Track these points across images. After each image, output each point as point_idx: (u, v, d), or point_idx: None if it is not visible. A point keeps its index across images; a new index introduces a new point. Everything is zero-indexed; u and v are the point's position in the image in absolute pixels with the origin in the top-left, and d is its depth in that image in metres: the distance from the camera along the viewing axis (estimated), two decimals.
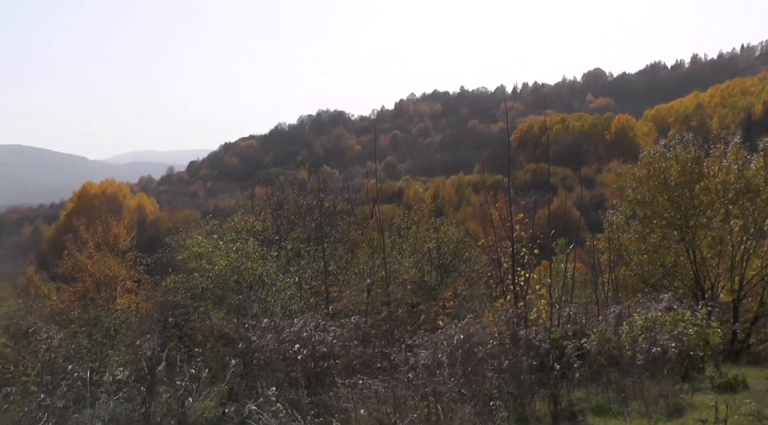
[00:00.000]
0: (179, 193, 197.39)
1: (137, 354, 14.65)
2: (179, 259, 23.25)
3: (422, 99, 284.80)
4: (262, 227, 25.79)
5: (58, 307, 28.72)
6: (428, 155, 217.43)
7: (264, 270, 20.00)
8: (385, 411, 9.37)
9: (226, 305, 18.59)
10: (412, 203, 49.42)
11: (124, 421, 11.34)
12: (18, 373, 12.01)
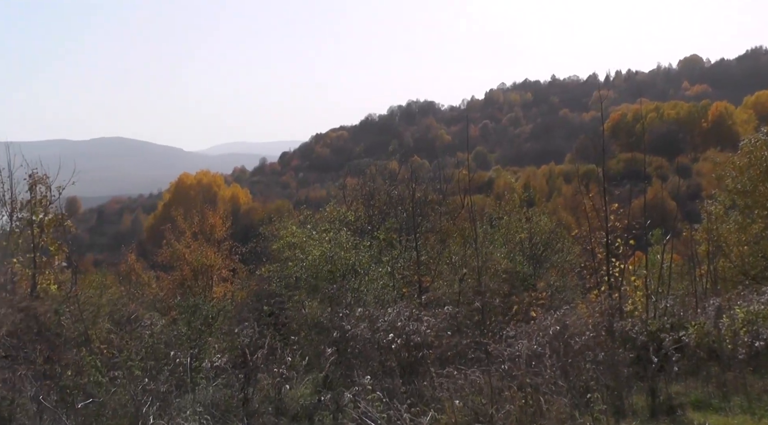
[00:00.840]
0: (271, 183, 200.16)
1: (234, 341, 14.98)
2: (274, 248, 23.65)
3: (512, 88, 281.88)
4: (354, 218, 26.00)
5: (157, 295, 29.51)
6: (518, 145, 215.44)
7: (357, 260, 20.18)
8: (480, 401, 9.36)
9: (320, 294, 18.83)
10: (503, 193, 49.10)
11: (224, 406, 11.60)
12: (124, 358, 12.41)
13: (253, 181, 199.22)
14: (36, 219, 21.34)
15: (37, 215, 21.41)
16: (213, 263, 32.34)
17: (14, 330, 12.58)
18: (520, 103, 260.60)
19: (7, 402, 10.25)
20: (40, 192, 21.74)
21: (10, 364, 11.50)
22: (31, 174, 21.61)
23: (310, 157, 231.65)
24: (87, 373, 12.51)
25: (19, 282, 20.30)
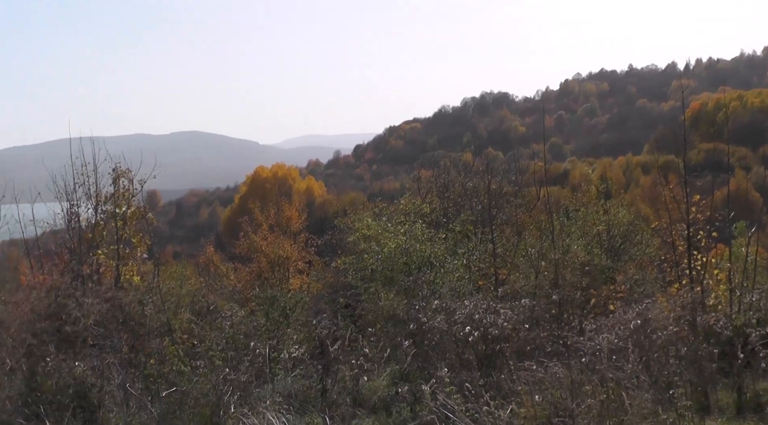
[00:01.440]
0: (345, 176, 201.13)
1: (312, 332, 15.16)
2: (349, 241, 23.80)
3: (588, 78, 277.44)
4: (429, 210, 25.98)
5: (235, 286, 29.95)
6: (594, 136, 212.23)
7: (432, 252, 20.17)
8: (559, 395, 9.29)
9: (395, 286, 18.88)
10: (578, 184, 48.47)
11: (302, 397, 11.76)
12: (205, 348, 12.66)
13: (328, 173, 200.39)
14: (119, 212, 21.88)
15: (120, 208, 21.95)
16: (289, 255, 32.69)
17: (101, 319, 12.93)
18: (596, 93, 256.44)
19: (96, 389, 10.56)
20: (123, 185, 22.27)
21: (98, 352, 11.84)
22: (115, 168, 22.14)
23: (384, 149, 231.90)
24: (170, 362, 12.80)
25: (104, 273, 20.86)
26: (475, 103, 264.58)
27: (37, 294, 13.52)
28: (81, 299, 12.90)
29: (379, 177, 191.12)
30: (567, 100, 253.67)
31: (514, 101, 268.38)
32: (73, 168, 21.94)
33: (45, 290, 13.69)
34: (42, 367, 10.98)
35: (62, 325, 12.61)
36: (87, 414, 10.35)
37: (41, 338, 11.93)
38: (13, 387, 11.22)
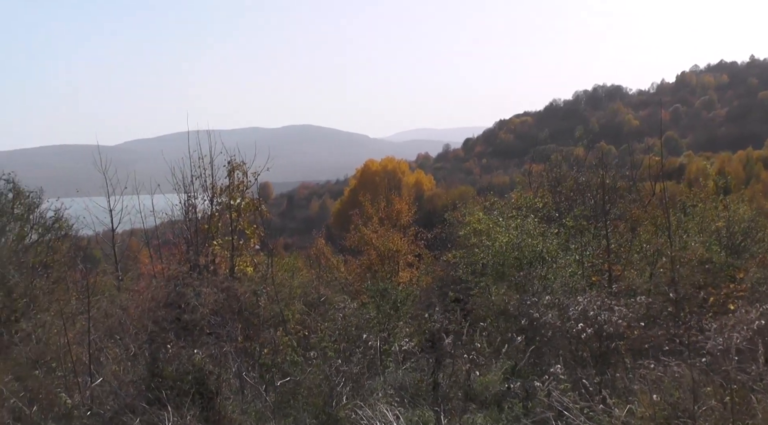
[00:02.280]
0: (455, 169, 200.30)
1: (422, 326, 15.16)
2: (460, 235, 23.69)
3: (706, 70, 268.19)
4: (542, 204, 25.63)
5: (345, 278, 30.22)
6: (712, 129, 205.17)
7: (544, 247, 19.89)
8: (679, 396, 9.00)
9: (506, 281, 18.70)
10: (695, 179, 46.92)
11: (413, 390, 11.78)
12: (318, 339, 12.83)
13: (437, 167, 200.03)
14: (234, 204, 22.38)
15: (234, 200, 22.45)
16: (399, 248, 32.75)
17: (217, 308, 13.25)
18: (714, 85, 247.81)
19: (214, 376, 10.82)
20: (238, 178, 22.76)
21: (215, 341, 12.14)
22: (230, 161, 22.65)
23: (494, 143, 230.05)
24: (283, 352, 13.02)
25: (219, 264, 21.38)
26: (587, 97, 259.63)
27: (157, 283, 13.95)
28: (199, 289, 13.25)
29: (489, 171, 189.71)
30: (683, 92, 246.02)
31: (628, 94, 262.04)
32: (191, 161, 22.57)
33: (165, 280, 14.12)
34: (163, 354, 11.33)
35: (181, 313, 12.99)
36: (205, 401, 10.61)
37: (162, 325, 12.31)
38: (136, 372, 11.62)
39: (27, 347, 17.36)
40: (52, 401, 13.81)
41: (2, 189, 33.76)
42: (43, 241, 34.75)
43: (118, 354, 13.49)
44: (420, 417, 10.33)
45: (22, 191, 34.44)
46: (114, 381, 11.65)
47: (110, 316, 14.50)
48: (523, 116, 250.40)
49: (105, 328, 14.42)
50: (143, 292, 14.92)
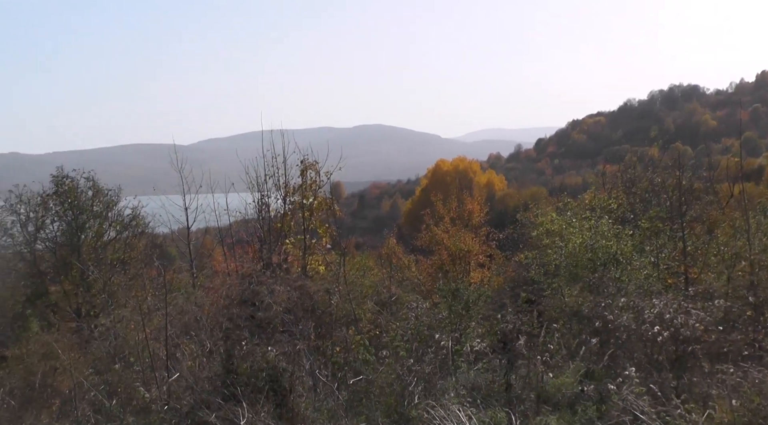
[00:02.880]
0: (526, 170, 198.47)
1: (494, 326, 15.06)
2: (533, 235, 23.50)
3: None
4: (617, 205, 25.26)
5: (416, 278, 30.21)
6: None
7: (618, 249, 19.58)
8: (760, 402, 8.77)
9: (580, 282, 18.47)
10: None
11: (485, 390, 11.72)
12: (390, 338, 12.85)
13: (508, 167, 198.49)
14: (306, 203, 22.57)
15: (307, 199, 22.64)
16: (470, 248, 32.60)
17: (290, 307, 13.37)
18: None
19: (288, 373, 10.93)
20: (310, 177, 22.95)
21: (288, 338, 12.26)
22: (303, 160, 22.86)
23: (566, 143, 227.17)
24: (355, 351, 13.08)
25: (291, 262, 21.58)
26: (662, 97, 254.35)
27: (231, 281, 14.15)
28: (272, 287, 13.40)
29: (561, 172, 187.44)
30: (764, 92, 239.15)
31: (705, 94, 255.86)
32: (264, 160, 22.84)
33: (239, 278, 14.31)
34: (238, 350, 11.48)
35: (255, 311, 13.15)
36: (279, 398, 10.72)
37: (236, 322, 12.49)
38: (211, 368, 11.81)
39: (106, 341, 17.81)
40: (130, 395, 14.16)
41: (82, 187, 34.76)
42: (121, 238, 35.65)
43: (194, 350, 13.74)
44: (492, 418, 10.27)
45: (101, 190, 35.39)
46: (190, 376, 11.85)
47: (186, 313, 14.76)
48: (596, 116, 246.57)
49: (181, 325, 14.69)
50: (218, 290, 15.15)
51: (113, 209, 35.53)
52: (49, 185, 34.69)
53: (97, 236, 35.06)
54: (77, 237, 34.23)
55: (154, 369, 13.68)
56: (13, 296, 33.09)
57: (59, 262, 33.66)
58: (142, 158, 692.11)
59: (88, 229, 34.65)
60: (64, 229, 34.74)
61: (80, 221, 34.23)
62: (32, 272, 33.80)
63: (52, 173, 35.10)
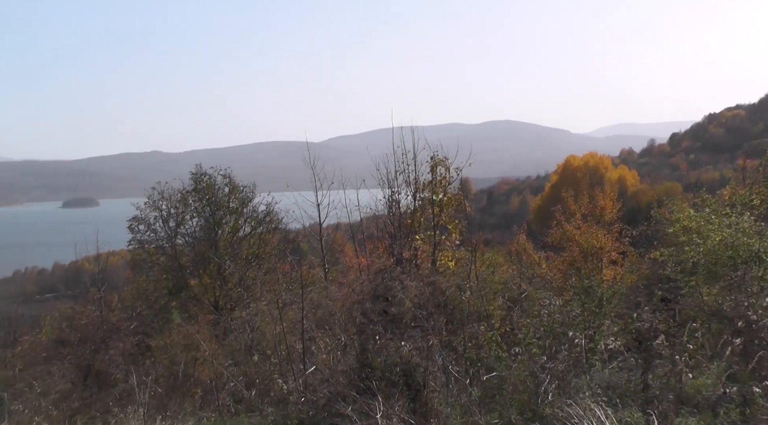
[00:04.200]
0: (660, 165, 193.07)
1: (629, 325, 14.74)
2: (669, 232, 22.86)
3: None
4: (759, 201, 24.25)
5: (546, 275, 29.87)
6: None
7: (761, 246, 18.81)
8: None
9: (719, 281, 17.85)
10: None
11: (621, 390, 11.48)
12: (523, 335, 12.78)
13: (641, 162, 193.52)
14: (436, 199, 22.68)
15: (437, 195, 22.75)
16: (603, 245, 32.04)
17: (422, 302, 13.47)
18: None
19: (421, 369, 11.02)
20: (440, 173, 23.06)
21: (420, 334, 12.35)
22: (433, 156, 22.99)
23: (703, 138, 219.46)
24: (487, 347, 13.07)
25: (421, 258, 21.73)
26: None
27: (365, 276, 14.35)
28: (405, 283, 13.52)
29: (697, 167, 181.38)
30: None
31: None
32: (395, 156, 23.09)
33: (373, 273, 14.50)
34: (372, 345, 11.64)
35: (388, 306, 13.30)
36: (412, 393, 10.83)
37: (369, 317, 12.66)
38: (346, 362, 12.02)
39: (243, 334, 18.40)
40: (268, 386, 14.58)
41: (219, 184, 36.02)
42: (256, 234, 36.73)
43: (328, 343, 14.04)
44: (629, 418, 10.06)
45: (237, 186, 36.57)
46: (326, 369, 12.11)
47: (320, 307, 15.09)
48: (734, 109, 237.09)
49: (316, 319, 15.03)
50: (351, 284, 15.42)
51: (248, 205, 36.64)
52: (189, 182, 36.10)
53: (233, 231, 36.23)
54: (215, 232, 35.49)
55: (291, 362, 14.03)
56: (156, 289, 34.62)
57: (198, 256, 34.96)
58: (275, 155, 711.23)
59: (225, 224, 35.85)
60: (202, 224, 36.07)
61: (217, 216, 35.47)
62: (173, 266, 35.22)
63: (191, 171, 36.51)
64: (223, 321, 24.60)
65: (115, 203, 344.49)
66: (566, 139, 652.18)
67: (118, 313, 30.55)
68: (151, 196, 36.06)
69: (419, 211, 22.97)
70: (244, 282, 32.10)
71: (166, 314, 32.33)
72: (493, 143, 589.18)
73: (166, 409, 14.93)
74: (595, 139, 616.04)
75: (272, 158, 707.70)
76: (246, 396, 14.15)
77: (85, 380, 22.35)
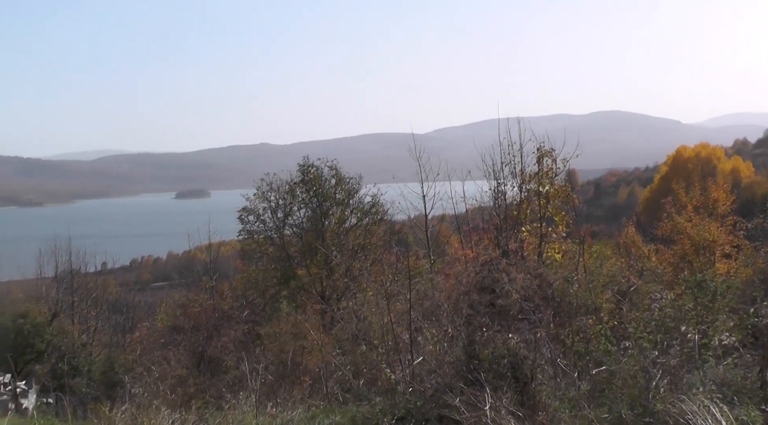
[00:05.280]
0: None
1: (744, 320, 14.30)
2: None
3: None
4: None
5: (656, 268, 29.21)
6: None
7: None
8: None
9: None
10: None
11: (736, 387, 11.17)
12: (633, 329, 12.54)
13: (756, 153, 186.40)
14: (542, 191, 22.49)
15: (543, 187, 22.55)
16: (715, 238, 31.10)
17: (529, 294, 13.37)
18: None
19: (529, 361, 10.96)
20: (547, 165, 22.86)
21: (527, 326, 12.27)
22: (539, 148, 22.82)
23: None
24: (596, 341, 12.87)
25: (527, 250, 21.57)
26: None
27: (471, 268, 14.34)
28: (512, 274, 13.46)
29: None
30: None
31: None
32: (500, 148, 23.00)
33: (479, 264, 14.48)
34: (479, 336, 11.63)
35: (495, 298, 13.26)
36: (520, 385, 10.78)
37: (476, 309, 12.65)
38: (453, 353, 12.05)
39: (350, 324, 18.64)
40: (375, 375, 14.75)
41: (326, 176, 36.57)
42: (361, 225, 37.14)
43: (435, 334, 14.09)
44: (746, 416, 9.77)
45: (344, 178, 37.05)
46: (433, 360, 12.17)
47: (427, 298, 15.16)
48: None
49: (422, 310, 15.11)
50: (457, 276, 15.43)
51: (354, 196, 37.08)
52: (296, 173, 36.78)
53: (339, 222, 36.74)
54: (321, 223, 36.07)
55: (398, 352, 14.15)
56: (266, 278, 35.45)
57: (305, 247, 35.61)
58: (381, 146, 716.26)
59: (332, 215, 36.40)
60: (309, 215, 36.71)
61: (324, 207, 36.04)
62: (281, 256, 35.99)
63: (299, 163, 37.19)
64: (330, 311, 24.99)
65: (225, 194, 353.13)
66: (677, 129, 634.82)
67: (230, 301, 31.39)
68: (260, 187, 36.91)
69: (525, 202, 22.83)
70: (350, 273, 32.51)
71: (276, 303, 33.04)
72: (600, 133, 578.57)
73: (276, 396, 15.28)
74: (707, 129, 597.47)
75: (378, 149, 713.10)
76: (354, 385, 14.35)
77: (198, 366, 23.05)
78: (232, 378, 19.79)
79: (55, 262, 45.42)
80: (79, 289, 44.67)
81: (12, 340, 30.05)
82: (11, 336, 30.18)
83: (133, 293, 58.29)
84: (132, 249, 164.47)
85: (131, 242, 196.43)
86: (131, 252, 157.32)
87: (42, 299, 41.08)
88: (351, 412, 12.38)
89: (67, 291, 43.36)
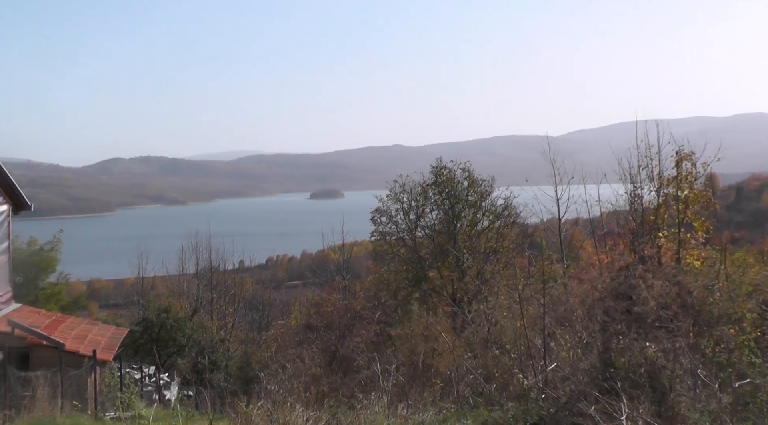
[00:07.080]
0: None
1: None
2: None
3: None
4: None
5: None
6: None
7: None
8: None
9: None
10: None
11: None
12: None
13: None
14: (681, 195, 21.82)
15: (682, 191, 21.89)
16: None
17: (668, 301, 13.03)
18: None
19: (667, 371, 10.65)
20: (686, 169, 22.18)
21: (666, 335, 11.93)
22: (678, 151, 22.17)
23: None
24: (739, 352, 12.40)
25: (664, 256, 20.99)
26: None
27: (607, 273, 14.08)
28: (649, 281, 13.14)
29: None
30: None
31: None
32: (638, 151, 22.52)
33: (614, 270, 14.20)
34: (615, 344, 11.40)
35: (631, 305, 12.98)
36: (657, 395, 10.50)
37: (612, 315, 12.41)
38: (588, 360, 11.84)
39: (482, 327, 18.61)
40: (506, 380, 14.66)
41: (459, 178, 36.61)
42: (493, 227, 36.98)
43: (569, 340, 13.88)
44: None
45: (476, 180, 37.00)
46: (567, 367, 11.99)
47: (561, 303, 14.97)
48: None
49: (556, 315, 14.91)
50: (592, 281, 15.18)
51: (487, 199, 36.96)
52: (429, 175, 36.98)
53: (471, 224, 36.69)
54: (453, 225, 36.12)
55: (531, 357, 14.02)
56: (397, 279, 35.78)
57: (437, 249, 35.74)
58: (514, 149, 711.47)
59: (464, 218, 36.40)
60: (441, 217, 36.84)
61: (456, 210, 36.07)
62: (413, 257, 36.23)
63: (431, 164, 37.36)
64: (461, 314, 25.00)
65: (358, 194, 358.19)
66: None
67: (362, 302, 31.84)
68: (392, 188, 37.29)
69: (663, 207, 22.25)
70: (482, 276, 32.42)
71: (407, 304, 33.30)
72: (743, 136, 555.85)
73: (407, 398, 15.39)
74: None
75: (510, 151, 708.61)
76: (485, 389, 14.29)
77: (330, 364, 23.48)
78: (364, 378, 20.04)
79: (196, 259, 47.32)
80: (218, 286, 46.39)
81: (156, 334, 31.46)
82: (155, 329, 31.60)
83: (269, 291, 59.77)
84: (268, 248, 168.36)
85: (268, 240, 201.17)
86: (267, 250, 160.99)
87: (183, 294, 42.84)
88: (482, 416, 12.33)
89: (207, 288, 45.10)
